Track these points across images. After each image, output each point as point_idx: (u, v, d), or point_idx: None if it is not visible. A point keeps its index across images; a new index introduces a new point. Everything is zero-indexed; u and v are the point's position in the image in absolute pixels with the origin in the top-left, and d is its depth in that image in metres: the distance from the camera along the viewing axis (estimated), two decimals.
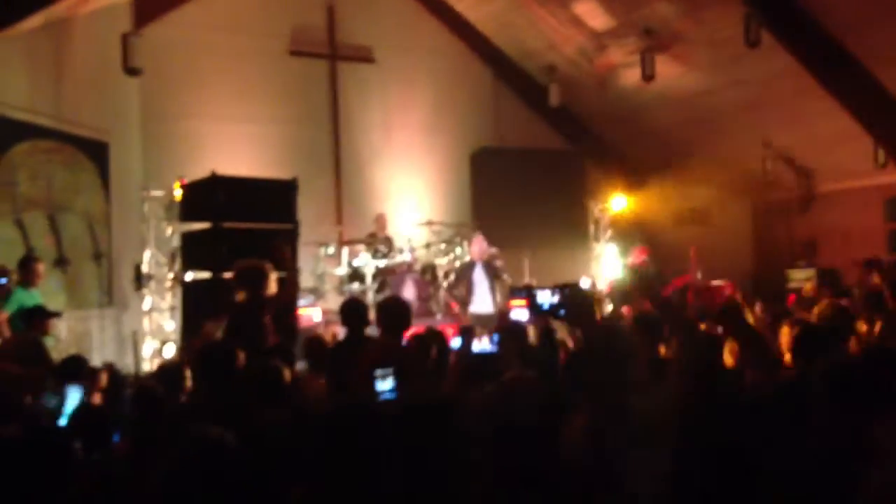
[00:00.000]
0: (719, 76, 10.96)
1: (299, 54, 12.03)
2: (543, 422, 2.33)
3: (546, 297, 2.45)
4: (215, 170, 7.93)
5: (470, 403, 2.70)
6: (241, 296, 4.89)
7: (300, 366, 5.44)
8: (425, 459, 2.65)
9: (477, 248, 9.52)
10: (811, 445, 2.86)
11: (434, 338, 5.18)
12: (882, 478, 2.45)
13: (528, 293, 2.27)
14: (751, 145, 11.38)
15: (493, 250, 9.89)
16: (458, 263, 10.68)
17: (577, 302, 2.41)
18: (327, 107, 12.32)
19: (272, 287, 4.92)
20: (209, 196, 6.80)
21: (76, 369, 5.00)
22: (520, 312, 4.58)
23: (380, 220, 11.21)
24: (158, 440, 3.38)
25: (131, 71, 9.13)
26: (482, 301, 9.23)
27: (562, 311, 2.49)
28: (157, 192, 9.52)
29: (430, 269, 10.87)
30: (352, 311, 4.91)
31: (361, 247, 10.61)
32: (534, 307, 2.46)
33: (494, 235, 10.92)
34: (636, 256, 11.42)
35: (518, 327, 4.69)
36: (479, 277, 9.34)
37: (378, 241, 10.75)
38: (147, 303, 9.53)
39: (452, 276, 10.25)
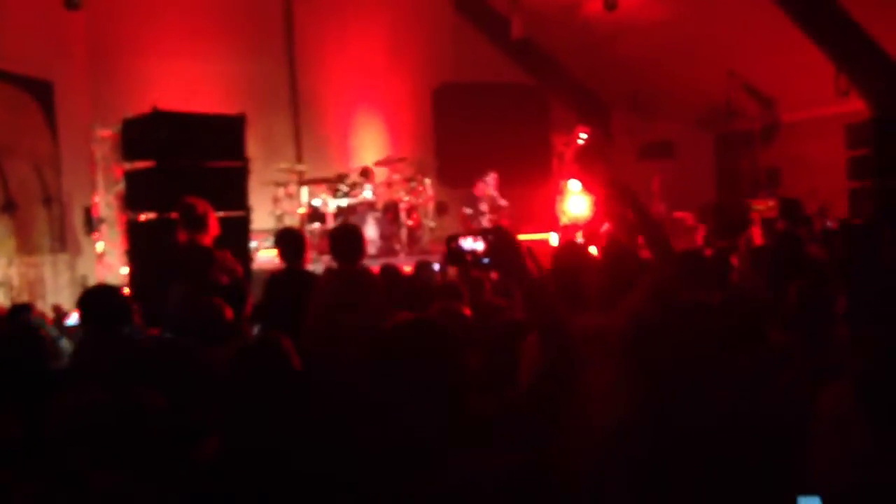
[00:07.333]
0: (682, 4, 10.75)
1: None
2: None
3: (469, 244, 2.13)
4: (163, 107, 7.64)
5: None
6: (182, 236, 4.72)
7: None
8: None
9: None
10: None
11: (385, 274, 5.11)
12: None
13: (449, 239, 1.99)
14: (714, 75, 11.23)
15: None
16: (420, 200, 10.55)
17: (503, 248, 2.10)
18: (283, 41, 11.95)
19: (213, 227, 4.75)
20: (152, 133, 6.54)
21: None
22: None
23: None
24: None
25: (70, 4, 8.73)
26: None
27: (486, 260, 2.16)
28: (106, 133, 9.22)
29: (392, 207, 10.71)
30: (288, 241, 4.71)
31: (321, 185, 10.39)
32: (453, 256, 2.13)
33: (456, 172, 10.81)
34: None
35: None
36: None
37: (338, 180, 10.48)
38: (100, 247, 9.31)
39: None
